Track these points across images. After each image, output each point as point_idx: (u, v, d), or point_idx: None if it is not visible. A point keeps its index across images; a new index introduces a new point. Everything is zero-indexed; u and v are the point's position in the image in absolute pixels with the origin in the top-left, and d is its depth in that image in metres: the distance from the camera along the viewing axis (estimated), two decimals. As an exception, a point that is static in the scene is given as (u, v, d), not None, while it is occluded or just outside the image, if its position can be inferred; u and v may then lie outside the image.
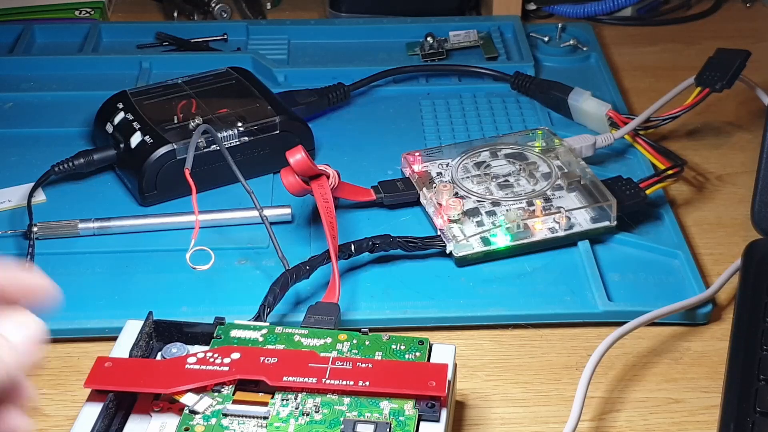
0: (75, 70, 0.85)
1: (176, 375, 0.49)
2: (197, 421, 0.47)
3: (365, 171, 0.73)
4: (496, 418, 0.56)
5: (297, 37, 0.91)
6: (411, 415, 0.48)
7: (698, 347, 0.61)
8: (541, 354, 0.60)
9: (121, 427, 0.49)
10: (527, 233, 0.65)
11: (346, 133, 0.79)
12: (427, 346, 0.52)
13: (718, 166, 0.77)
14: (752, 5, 1.02)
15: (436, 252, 0.65)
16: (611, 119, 0.76)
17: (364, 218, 0.69)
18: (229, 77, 0.77)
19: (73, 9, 0.95)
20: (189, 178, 0.59)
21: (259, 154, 0.72)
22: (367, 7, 0.96)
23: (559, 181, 0.70)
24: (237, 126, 0.71)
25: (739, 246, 0.65)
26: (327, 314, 0.55)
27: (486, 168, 0.71)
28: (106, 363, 0.49)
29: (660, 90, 0.78)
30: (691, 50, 0.93)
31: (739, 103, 0.83)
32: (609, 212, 0.66)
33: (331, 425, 0.47)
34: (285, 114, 0.73)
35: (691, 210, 0.72)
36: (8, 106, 0.81)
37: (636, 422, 0.55)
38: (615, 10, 0.98)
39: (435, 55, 0.88)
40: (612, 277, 0.64)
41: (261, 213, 0.61)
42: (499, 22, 0.93)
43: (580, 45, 0.90)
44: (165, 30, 0.91)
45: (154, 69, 0.86)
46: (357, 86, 0.82)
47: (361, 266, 0.65)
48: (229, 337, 0.52)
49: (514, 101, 0.82)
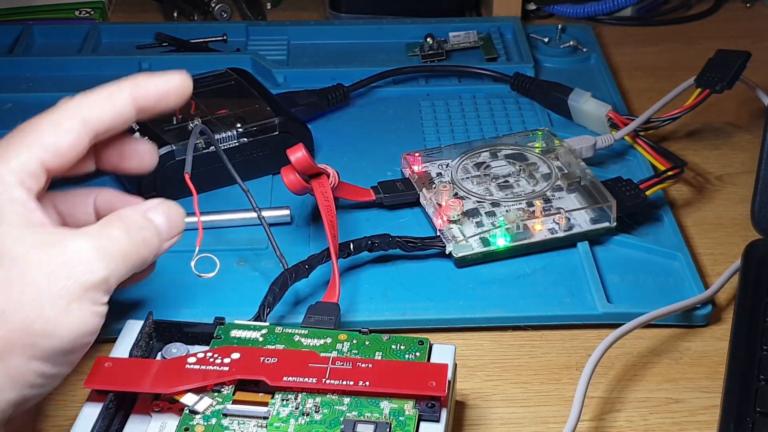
0: (74, 71, 0.85)
1: (176, 375, 0.49)
2: (197, 421, 0.47)
3: (365, 171, 0.73)
4: (496, 418, 0.56)
5: (297, 38, 0.91)
6: (411, 415, 0.48)
7: (698, 347, 0.61)
8: (541, 354, 0.60)
9: (121, 427, 0.48)
10: (527, 234, 0.65)
11: (346, 133, 0.79)
12: (427, 347, 0.52)
13: (718, 167, 0.77)
14: (752, 5, 1.02)
15: (436, 253, 0.65)
16: (611, 120, 0.76)
17: (364, 219, 0.69)
18: (228, 78, 0.77)
19: (73, 9, 0.95)
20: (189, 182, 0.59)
21: (259, 155, 0.72)
22: (367, 7, 0.96)
23: (558, 182, 0.70)
24: (236, 127, 0.71)
25: (739, 246, 0.65)
26: (327, 314, 0.55)
27: (486, 169, 0.71)
28: (106, 363, 0.49)
29: (660, 90, 0.78)
30: (691, 50, 0.93)
31: (739, 103, 0.83)
32: (609, 213, 0.66)
33: (331, 425, 0.47)
34: (284, 115, 0.73)
35: (690, 210, 0.72)
36: (7, 107, 0.81)
37: (636, 422, 0.55)
38: (615, 10, 0.98)
39: (435, 56, 0.88)
40: (611, 278, 0.64)
41: (258, 213, 0.61)
42: (499, 22, 0.93)
43: (580, 46, 0.90)
44: (165, 30, 0.91)
45: (154, 70, 0.85)
46: (356, 87, 0.82)
47: (360, 267, 0.65)
48: (229, 337, 0.52)
49: (514, 102, 0.82)
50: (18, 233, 0.46)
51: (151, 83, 0.52)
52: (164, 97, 0.52)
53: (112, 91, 0.51)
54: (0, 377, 0.45)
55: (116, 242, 0.48)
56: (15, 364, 0.45)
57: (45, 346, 0.45)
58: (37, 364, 0.45)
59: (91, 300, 0.46)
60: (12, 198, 0.47)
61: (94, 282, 0.46)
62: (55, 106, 0.50)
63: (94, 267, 0.46)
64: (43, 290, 0.45)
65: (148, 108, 0.52)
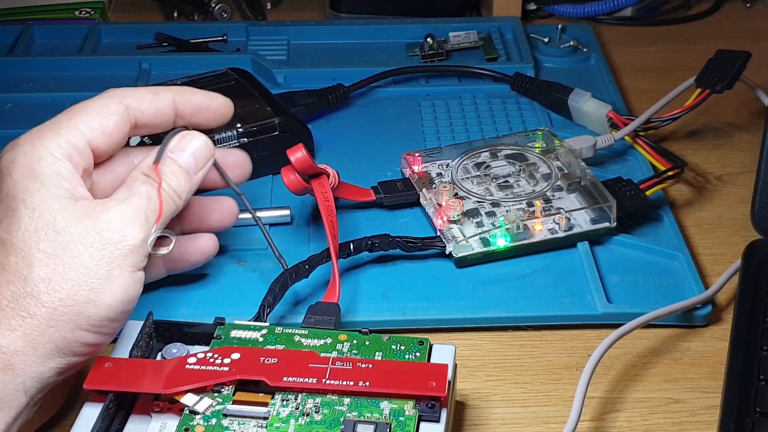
0: (74, 71, 0.85)
1: (177, 375, 0.49)
2: (197, 421, 0.47)
3: (365, 172, 0.73)
4: (496, 418, 0.56)
5: (297, 38, 0.91)
6: (411, 416, 0.48)
7: (698, 347, 0.61)
8: (541, 354, 0.60)
9: (121, 428, 0.49)
10: (527, 234, 0.65)
11: (346, 134, 0.79)
12: (427, 347, 0.52)
13: (718, 167, 0.77)
14: (752, 5, 1.02)
15: (436, 253, 0.65)
16: (611, 120, 0.76)
17: (364, 219, 0.69)
18: (228, 78, 0.77)
19: (73, 9, 0.95)
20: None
21: (259, 155, 0.71)
22: (367, 7, 0.96)
23: (559, 182, 0.70)
24: (236, 127, 0.71)
25: (739, 246, 0.65)
26: (327, 314, 0.55)
27: (486, 169, 0.71)
28: (107, 363, 0.49)
29: (660, 90, 0.78)
30: (691, 50, 0.93)
31: (739, 103, 0.83)
32: (609, 213, 0.66)
33: (331, 425, 0.47)
34: (284, 115, 0.73)
35: (690, 210, 0.72)
36: (8, 106, 0.81)
37: (636, 422, 0.55)
38: (615, 10, 0.98)
39: (435, 56, 0.88)
40: (611, 278, 0.64)
41: (253, 214, 0.61)
42: (499, 22, 0.93)
43: (580, 46, 0.90)
44: (165, 30, 0.91)
45: (154, 70, 0.86)
46: (357, 87, 0.82)
47: (360, 267, 0.65)
48: (229, 337, 0.52)
49: (514, 102, 0.82)
50: (60, 206, 0.49)
51: (196, 94, 0.56)
52: (204, 110, 0.57)
53: (156, 90, 0.55)
54: (47, 346, 0.47)
55: (147, 200, 0.51)
56: (61, 334, 0.48)
57: (91, 314, 0.48)
58: (82, 333, 0.48)
59: (130, 265, 0.50)
60: (58, 171, 0.50)
61: (131, 246, 0.50)
62: (101, 94, 0.54)
63: (130, 232, 0.50)
64: (86, 260, 0.48)
65: (186, 115, 0.56)
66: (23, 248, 0.48)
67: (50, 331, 0.47)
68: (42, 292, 0.48)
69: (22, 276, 0.48)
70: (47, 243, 0.48)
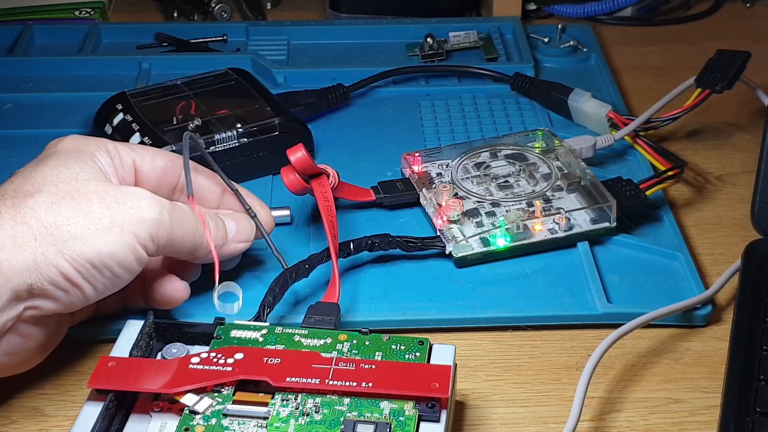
0: (74, 71, 0.85)
1: (180, 375, 0.49)
2: (197, 421, 0.47)
3: (365, 172, 0.73)
4: (496, 418, 0.56)
5: (297, 38, 0.91)
6: (411, 416, 0.48)
7: (698, 347, 0.60)
8: (541, 354, 0.60)
9: (121, 427, 0.49)
10: (527, 234, 0.65)
11: (346, 134, 0.79)
12: (427, 347, 0.52)
13: (718, 167, 0.77)
14: (752, 5, 1.02)
15: (436, 253, 0.65)
16: (611, 120, 0.76)
17: (364, 219, 0.69)
18: (228, 78, 0.77)
19: (73, 9, 0.95)
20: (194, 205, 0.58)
21: (259, 155, 0.72)
22: (367, 7, 0.96)
23: (558, 182, 0.70)
24: (236, 127, 0.71)
25: (739, 246, 0.65)
26: (327, 314, 0.55)
27: (486, 169, 0.71)
28: (110, 363, 0.49)
29: (660, 90, 0.78)
30: (691, 50, 0.93)
31: (739, 103, 0.83)
32: (609, 213, 0.66)
33: (331, 425, 0.47)
34: (284, 115, 0.73)
35: (690, 210, 0.72)
36: (7, 106, 0.81)
37: (636, 422, 0.55)
38: (615, 10, 0.98)
39: (435, 56, 0.88)
40: (611, 278, 0.64)
41: (251, 214, 0.61)
42: (499, 22, 0.93)
43: (580, 46, 0.90)
44: (165, 30, 0.91)
45: (154, 70, 0.86)
46: (356, 87, 0.82)
47: (360, 267, 0.65)
48: (229, 337, 0.52)
49: (514, 102, 0.82)
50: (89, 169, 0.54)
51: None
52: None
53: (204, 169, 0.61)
54: (28, 259, 0.49)
55: (179, 210, 0.55)
56: (44, 251, 0.49)
57: (77, 247, 0.50)
58: (61, 262, 0.49)
59: (134, 233, 0.52)
60: (97, 157, 0.55)
61: (142, 217, 0.52)
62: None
63: (147, 205, 0.53)
64: (94, 207, 0.51)
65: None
66: (40, 182, 0.52)
67: (35, 243, 0.49)
68: (42, 209, 0.50)
69: (30, 194, 0.51)
70: (64, 184, 0.52)
